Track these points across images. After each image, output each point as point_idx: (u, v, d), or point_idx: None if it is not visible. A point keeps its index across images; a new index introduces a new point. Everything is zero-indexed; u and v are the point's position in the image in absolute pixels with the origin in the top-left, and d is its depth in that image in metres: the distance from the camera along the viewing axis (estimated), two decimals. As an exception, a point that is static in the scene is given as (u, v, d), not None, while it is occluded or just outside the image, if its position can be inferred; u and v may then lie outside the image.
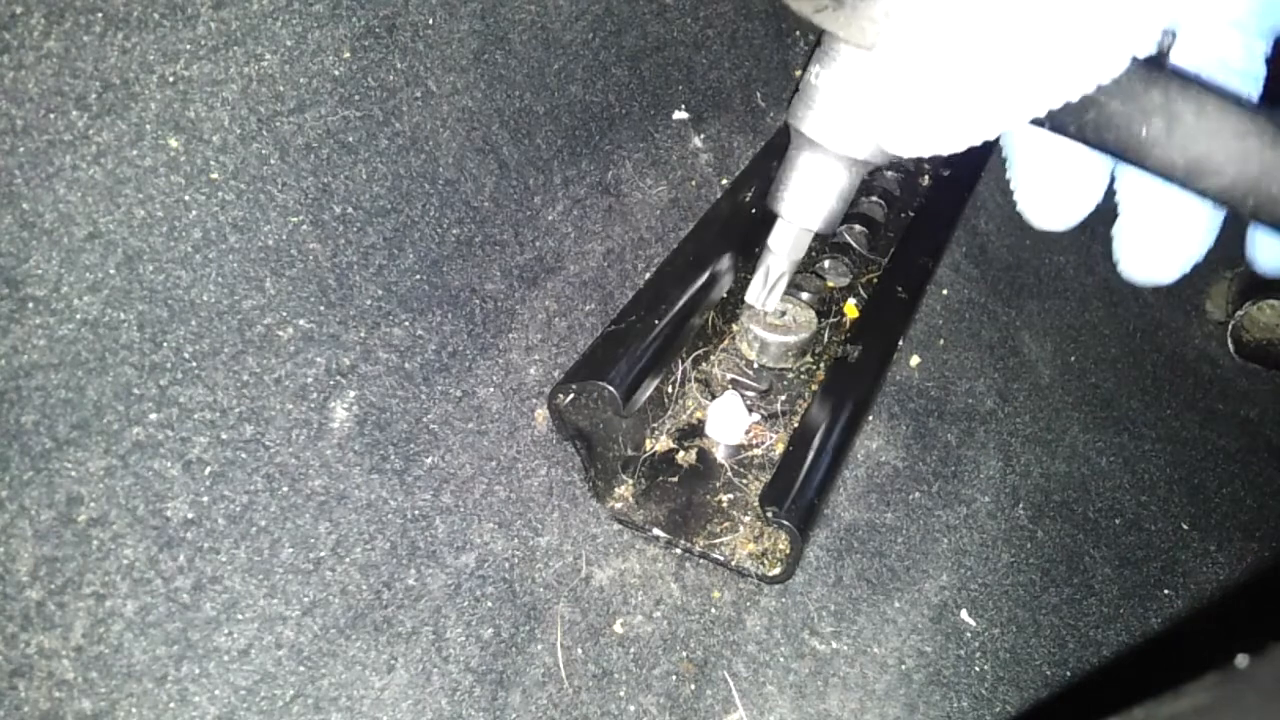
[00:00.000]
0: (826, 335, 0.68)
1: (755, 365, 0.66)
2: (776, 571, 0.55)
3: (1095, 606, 0.62)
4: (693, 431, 0.61)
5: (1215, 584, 0.65)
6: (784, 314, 0.65)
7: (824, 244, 0.74)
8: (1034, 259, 0.88)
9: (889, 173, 0.82)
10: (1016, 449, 0.70)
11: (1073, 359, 0.80)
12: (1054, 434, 0.73)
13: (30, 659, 0.39)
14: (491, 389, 0.55)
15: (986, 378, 0.74)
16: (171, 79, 0.45)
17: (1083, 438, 0.73)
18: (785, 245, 0.48)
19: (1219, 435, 0.78)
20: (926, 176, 0.83)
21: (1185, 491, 0.72)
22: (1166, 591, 0.64)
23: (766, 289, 0.52)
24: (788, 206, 0.46)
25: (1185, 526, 0.69)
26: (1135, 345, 0.84)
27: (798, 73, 0.86)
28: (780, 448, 0.61)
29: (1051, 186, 0.32)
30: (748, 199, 0.68)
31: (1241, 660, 0.24)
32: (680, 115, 0.74)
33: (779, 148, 0.72)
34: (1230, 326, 0.87)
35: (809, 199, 0.45)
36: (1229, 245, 1.00)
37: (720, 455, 0.60)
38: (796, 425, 0.61)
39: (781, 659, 0.53)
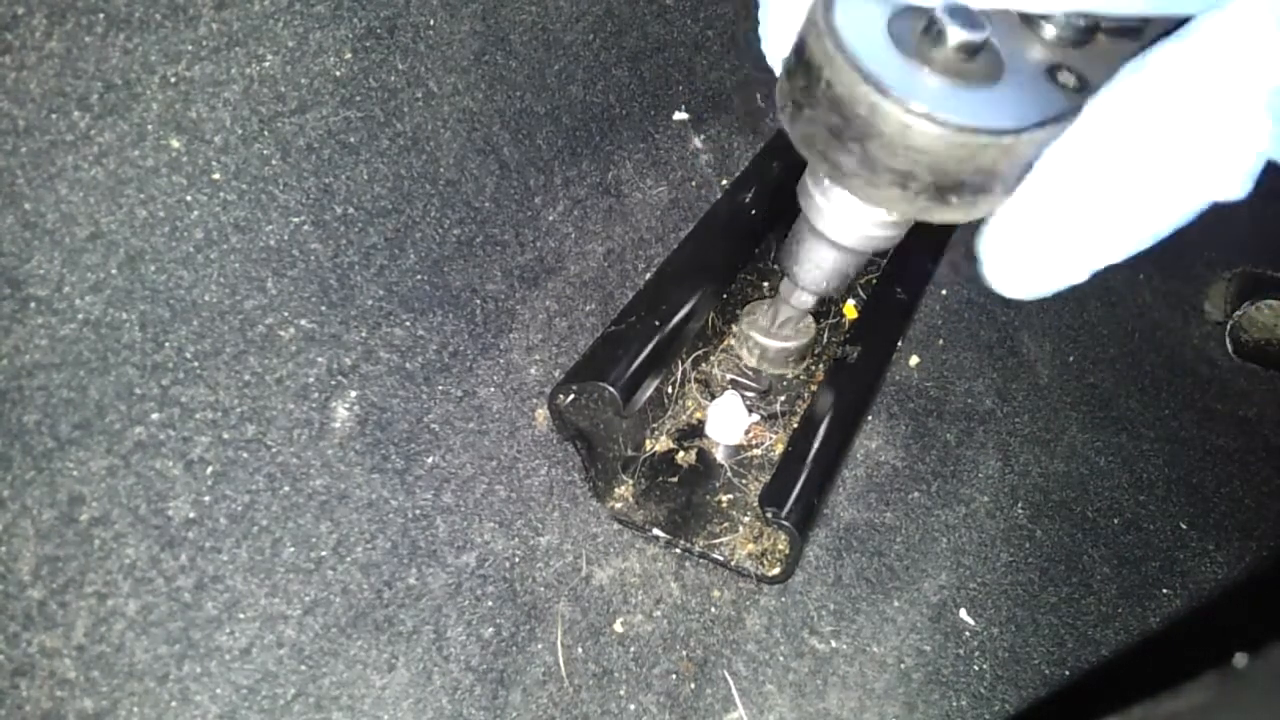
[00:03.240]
0: (826, 336, 0.68)
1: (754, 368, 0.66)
2: (776, 571, 0.55)
3: (1094, 606, 0.62)
4: (692, 432, 0.61)
5: (1214, 583, 0.66)
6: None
7: None
8: (1033, 259, 0.88)
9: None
10: (1015, 449, 0.70)
11: (1071, 359, 0.80)
12: (1053, 434, 0.73)
13: (32, 658, 0.39)
14: (492, 389, 0.55)
15: (985, 378, 0.74)
16: (173, 79, 0.46)
17: (1081, 437, 0.73)
18: (798, 300, 0.52)
19: (1217, 435, 0.78)
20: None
21: (1184, 491, 0.72)
22: (1165, 591, 0.64)
23: (778, 326, 0.59)
24: (801, 275, 0.47)
25: (1184, 526, 0.69)
26: (1134, 345, 0.85)
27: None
28: (780, 448, 0.61)
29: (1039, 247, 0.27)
30: (748, 200, 0.68)
31: (1240, 660, 0.24)
32: (680, 116, 0.74)
33: (779, 149, 0.72)
34: (1229, 327, 0.88)
35: (821, 274, 0.46)
36: (1227, 246, 1.00)
37: (720, 455, 0.61)
38: (796, 426, 0.61)
39: (781, 658, 0.54)
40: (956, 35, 0.26)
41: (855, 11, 0.27)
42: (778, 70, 0.29)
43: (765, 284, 0.71)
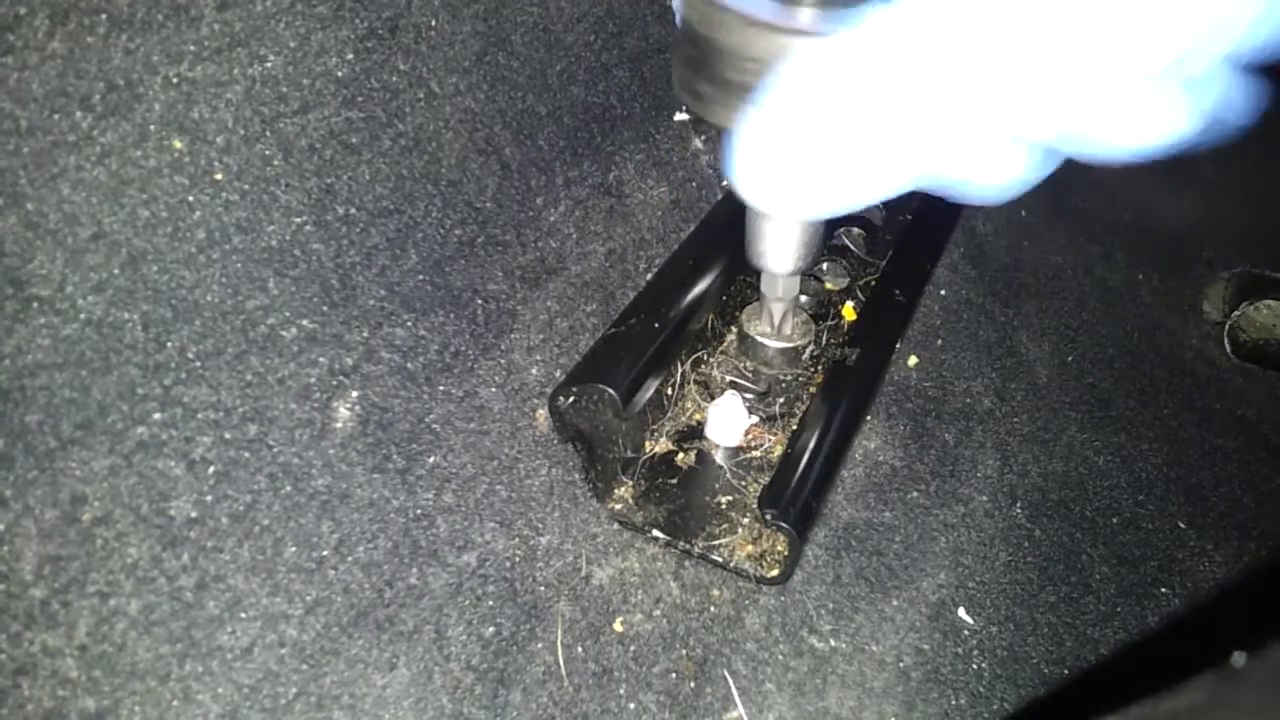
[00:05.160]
0: (825, 338, 0.68)
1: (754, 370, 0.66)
2: (775, 573, 0.55)
3: (1092, 605, 0.62)
4: (692, 433, 0.62)
5: (1212, 583, 0.66)
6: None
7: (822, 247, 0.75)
8: (1032, 259, 0.88)
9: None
10: (1014, 448, 0.70)
11: (1070, 359, 0.80)
12: (1051, 433, 0.73)
13: (34, 657, 0.39)
14: (493, 389, 0.55)
15: (984, 377, 0.74)
16: (175, 80, 0.46)
17: (1080, 437, 0.74)
18: (777, 290, 0.52)
19: (1216, 435, 0.78)
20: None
21: (1182, 490, 0.72)
22: (1164, 590, 0.64)
23: (775, 327, 0.59)
24: (766, 260, 0.48)
25: (1182, 525, 0.69)
26: (1133, 345, 0.85)
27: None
28: (779, 449, 0.61)
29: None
30: (748, 200, 0.68)
31: (1238, 659, 0.25)
32: (681, 117, 0.74)
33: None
34: (1227, 327, 0.88)
35: (781, 251, 0.47)
36: (1226, 246, 1.00)
37: (719, 457, 0.61)
38: (795, 427, 0.61)
39: (780, 657, 0.54)
40: None
41: None
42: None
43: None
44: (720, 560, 0.55)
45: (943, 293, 0.79)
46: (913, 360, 0.72)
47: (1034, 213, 0.92)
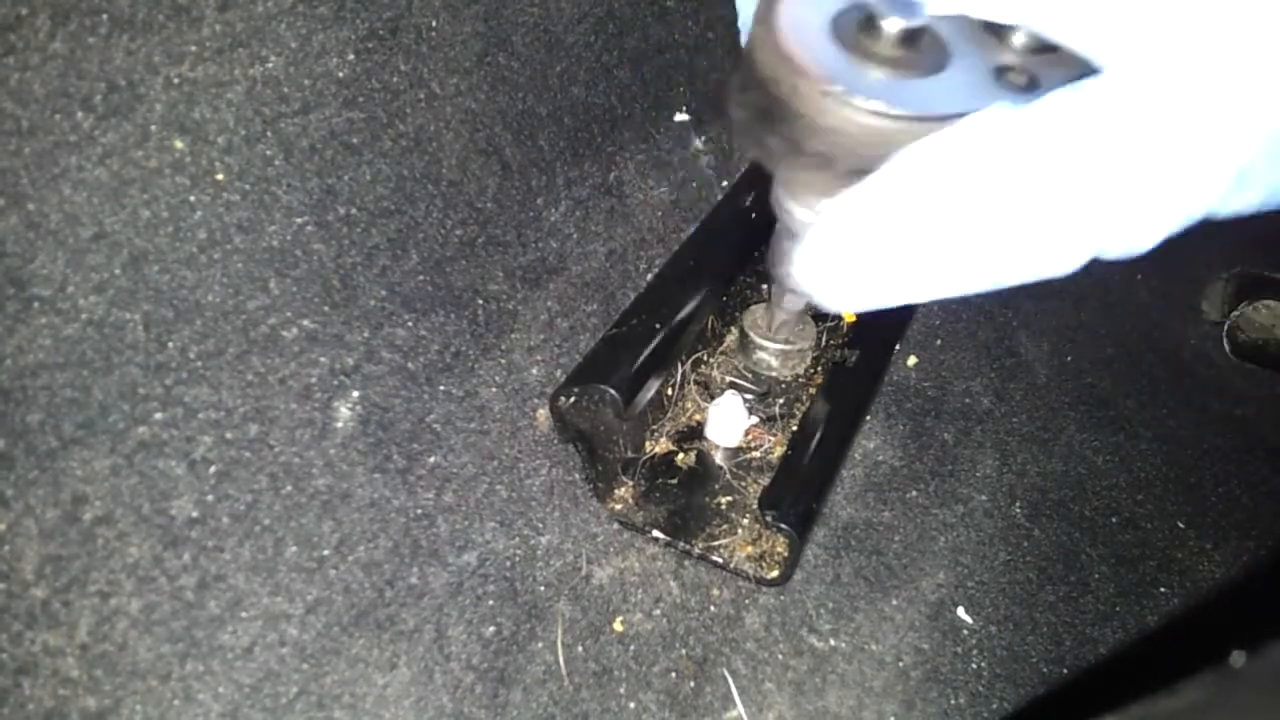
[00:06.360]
0: (824, 339, 0.68)
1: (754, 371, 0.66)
2: (775, 574, 0.55)
3: (1092, 604, 0.62)
4: (692, 434, 0.62)
5: (1211, 582, 0.66)
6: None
7: None
8: (1031, 260, 0.88)
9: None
10: (1013, 448, 0.71)
11: (1069, 359, 0.80)
12: (1050, 433, 0.73)
13: (35, 657, 0.39)
14: (494, 389, 0.56)
15: (983, 377, 0.74)
16: (177, 81, 0.46)
17: (1079, 437, 0.74)
18: (795, 306, 0.53)
19: (1215, 434, 0.78)
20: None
21: (1181, 490, 0.72)
22: (1163, 589, 0.65)
23: (789, 334, 0.60)
24: (790, 279, 0.48)
25: (1181, 525, 0.69)
26: (1131, 345, 0.85)
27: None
28: (779, 450, 0.61)
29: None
30: (748, 202, 0.68)
31: (1237, 658, 0.25)
32: (682, 117, 0.74)
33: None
34: (1226, 327, 0.88)
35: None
36: (1225, 247, 1.00)
37: (719, 458, 0.61)
38: (795, 429, 0.61)
39: (780, 656, 0.54)
40: (890, 23, 0.26)
41: (798, 7, 0.27)
42: None
43: (765, 286, 0.71)
44: (720, 561, 0.55)
45: (942, 293, 0.79)
46: (912, 360, 0.73)
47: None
